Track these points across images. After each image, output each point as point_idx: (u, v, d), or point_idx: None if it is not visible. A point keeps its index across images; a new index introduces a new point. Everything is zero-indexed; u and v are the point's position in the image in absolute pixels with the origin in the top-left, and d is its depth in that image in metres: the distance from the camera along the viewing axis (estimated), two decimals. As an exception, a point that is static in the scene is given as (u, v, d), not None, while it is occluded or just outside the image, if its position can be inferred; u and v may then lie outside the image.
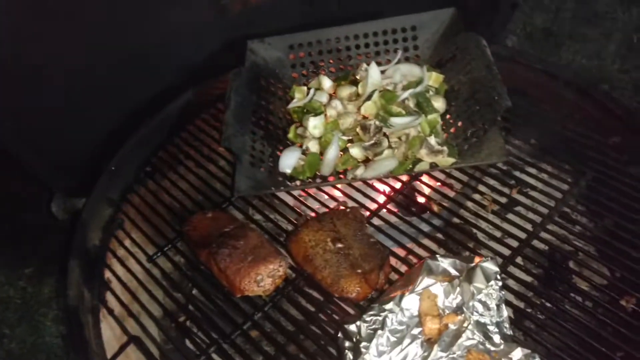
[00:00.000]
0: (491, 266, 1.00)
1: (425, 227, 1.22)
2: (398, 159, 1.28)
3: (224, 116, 1.29)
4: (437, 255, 1.05)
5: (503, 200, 1.23)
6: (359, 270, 1.09)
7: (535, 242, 1.14)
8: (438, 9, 1.48)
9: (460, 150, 1.26)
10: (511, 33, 2.41)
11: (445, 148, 1.26)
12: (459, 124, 1.32)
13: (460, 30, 1.42)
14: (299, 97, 1.46)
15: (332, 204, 1.30)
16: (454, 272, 1.03)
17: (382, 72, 1.48)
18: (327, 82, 1.48)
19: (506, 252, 1.13)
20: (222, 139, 1.24)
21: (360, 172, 1.28)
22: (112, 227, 1.31)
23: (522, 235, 1.15)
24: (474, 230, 1.21)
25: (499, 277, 0.99)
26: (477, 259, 1.03)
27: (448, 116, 1.36)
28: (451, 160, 1.25)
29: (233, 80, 1.38)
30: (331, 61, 1.53)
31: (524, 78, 1.40)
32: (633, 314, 1.01)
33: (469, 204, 1.24)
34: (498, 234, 1.17)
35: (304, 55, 1.52)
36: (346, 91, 1.45)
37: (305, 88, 1.48)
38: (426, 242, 1.19)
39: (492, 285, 0.98)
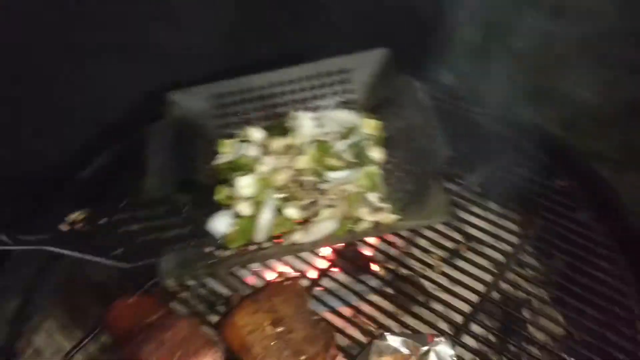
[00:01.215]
0: (446, 349, 0.92)
1: (369, 294, 1.13)
2: (338, 219, 1.18)
3: (141, 183, 1.16)
4: (386, 334, 0.96)
5: (451, 257, 1.16)
6: (303, 357, 0.98)
7: (488, 305, 1.07)
8: (369, 49, 1.40)
9: (402, 205, 1.18)
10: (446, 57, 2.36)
11: (386, 205, 1.18)
12: (399, 175, 1.24)
13: (394, 71, 1.35)
14: (226, 153, 1.35)
15: (267, 271, 1.20)
16: (406, 351, 0.94)
17: (316, 119, 1.39)
18: (256, 134, 1.37)
19: (458, 317, 1.06)
20: (141, 212, 1.12)
21: (298, 236, 1.17)
22: (21, 319, 1.15)
23: (474, 298, 1.08)
24: (423, 295, 1.13)
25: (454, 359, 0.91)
26: (429, 338, 0.95)
27: (389, 166, 1.28)
28: (393, 217, 1.16)
29: (152, 139, 1.26)
30: (260, 110, 1.42)
31: (464, 120, 1.34)
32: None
33: (416, 263, 1.16)
34: (448, 297, 1.09)
35: (231, 104, 1.41)
36: (278, 143, 1.35)
37: (232, 141, 1.36)
38: (373, 312, 1.10)
39: (448, 370, 0.90)
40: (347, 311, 1.11)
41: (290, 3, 1.49)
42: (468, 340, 1.03)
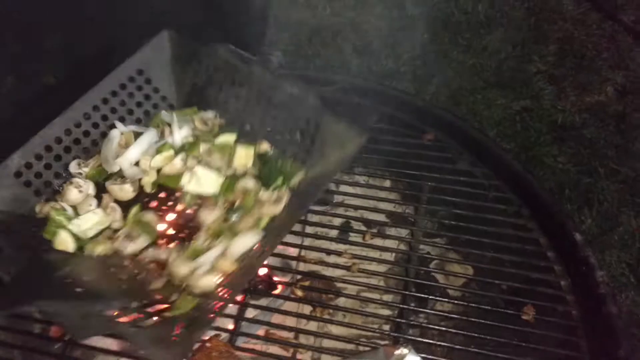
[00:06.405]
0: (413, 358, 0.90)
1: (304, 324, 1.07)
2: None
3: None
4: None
5: (361, 251, 1.10)
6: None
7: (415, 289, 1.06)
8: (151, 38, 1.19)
9: (301, 158, 1.06)
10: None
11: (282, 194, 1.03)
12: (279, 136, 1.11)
13: (194, 50, 1.19)
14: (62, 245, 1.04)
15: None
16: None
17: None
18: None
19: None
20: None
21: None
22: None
23: (400, 287, 1.05)
24: (358, 302, 1.08)
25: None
26: (387, 352, 0.92)
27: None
28: (299, 174, 1.05)
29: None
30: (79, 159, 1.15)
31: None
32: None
33: (336, 272, 1.08)
34: (379, 295, 1.07)
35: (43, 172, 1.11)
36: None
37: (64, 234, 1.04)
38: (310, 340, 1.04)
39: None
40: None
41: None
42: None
